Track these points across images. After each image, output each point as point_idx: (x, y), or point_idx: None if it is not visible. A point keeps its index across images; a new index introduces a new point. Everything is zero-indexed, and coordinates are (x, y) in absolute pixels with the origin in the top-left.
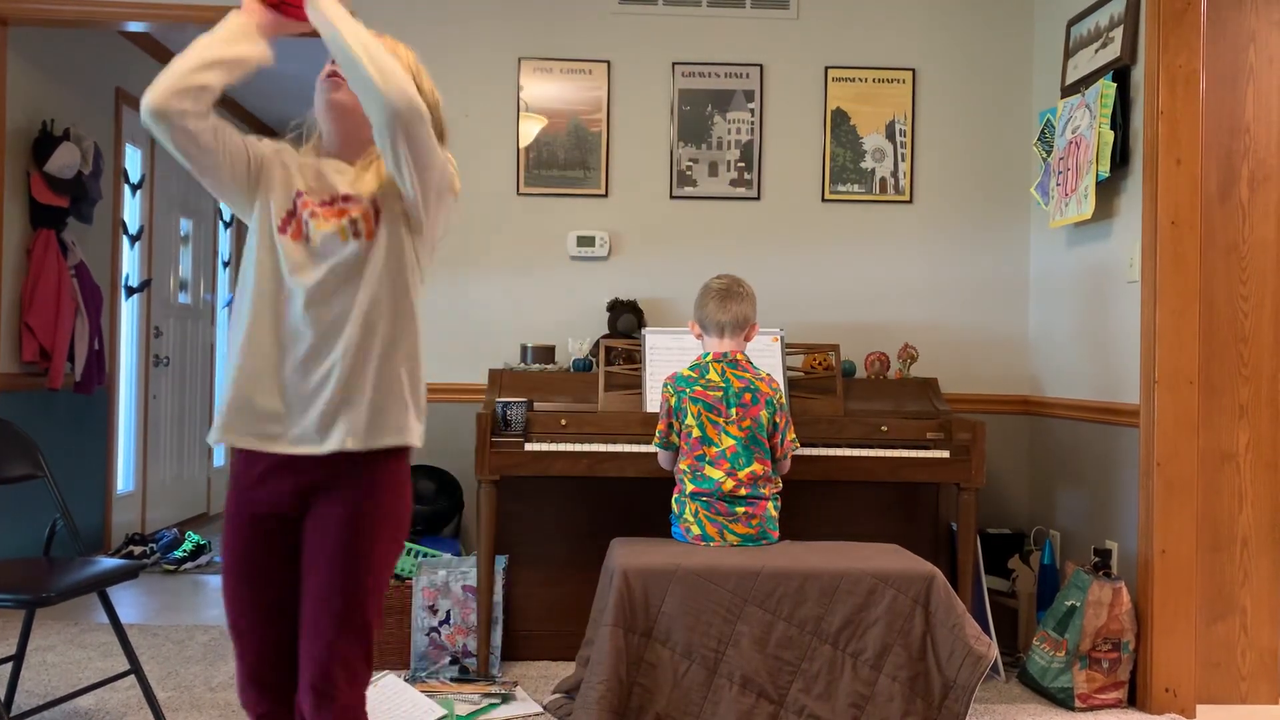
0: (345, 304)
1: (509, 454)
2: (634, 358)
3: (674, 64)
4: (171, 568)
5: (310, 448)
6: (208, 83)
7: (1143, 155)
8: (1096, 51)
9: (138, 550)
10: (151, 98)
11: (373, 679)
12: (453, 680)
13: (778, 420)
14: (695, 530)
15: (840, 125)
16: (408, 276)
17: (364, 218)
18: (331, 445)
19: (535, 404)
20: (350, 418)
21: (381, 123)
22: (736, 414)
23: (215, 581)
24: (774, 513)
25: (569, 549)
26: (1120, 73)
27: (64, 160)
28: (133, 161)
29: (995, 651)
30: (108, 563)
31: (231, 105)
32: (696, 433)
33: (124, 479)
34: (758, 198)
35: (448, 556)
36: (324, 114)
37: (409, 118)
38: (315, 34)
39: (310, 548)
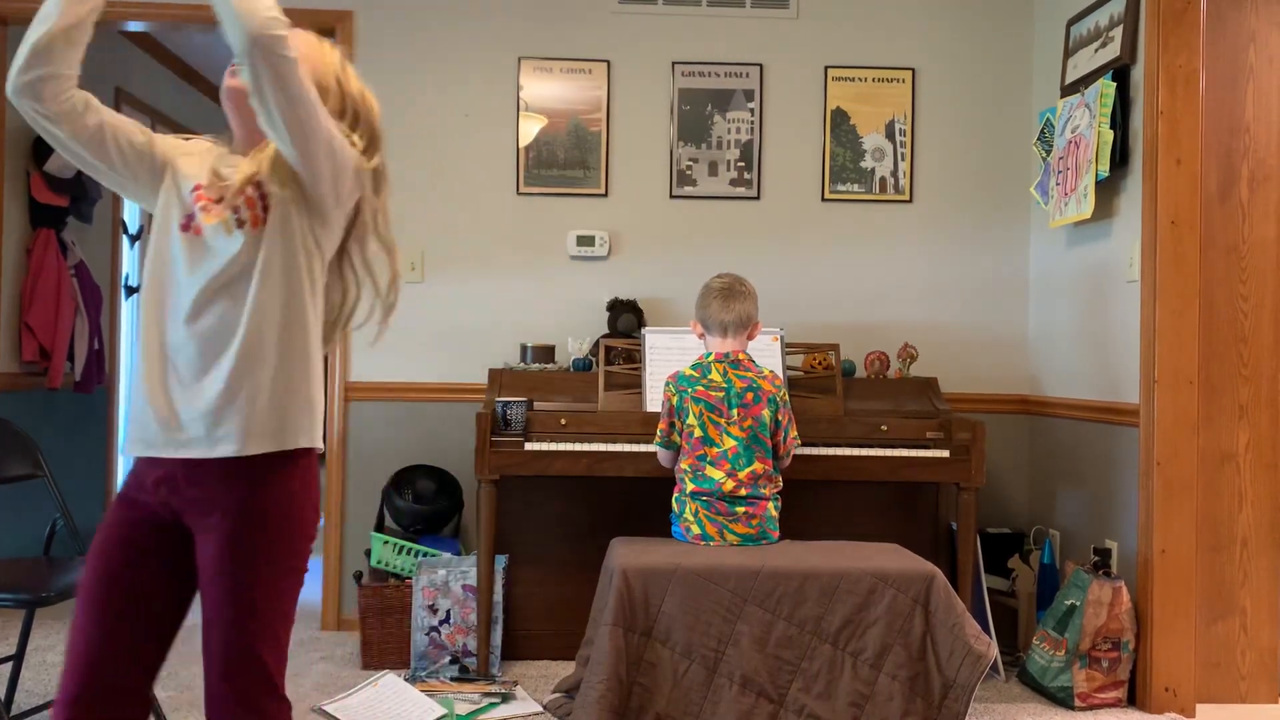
0: (236, 302)
1: (509, 453)
2: (634, 357)
3: (674, 64)
4: None
5: (201, 451)
6: (52, 71)
7: (1142, 155)
8: (1096, 51)
9: None
10: (9, 83)
11: (373, 678)
12: (453, 680)
13: (780, 418)
14: (695, 530)
15: (840, 125)
16: (300, 263)
17: (246, 204)
18: (223, 449)
19: (535, 403)
20: (242, 420)
21: (241, 51)
22: (738, 414)
23: None
24: (774, 513)
25: (569, 548)
26: (1120, 72)
27: (64, 160)
28: None
29: (995, 651)
30: None
31: None
32: (698, 433)
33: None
34: (757, 197)
35: (448, 556)
36: (224, 103)
37: (267, 43)
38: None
39: (199, 574)
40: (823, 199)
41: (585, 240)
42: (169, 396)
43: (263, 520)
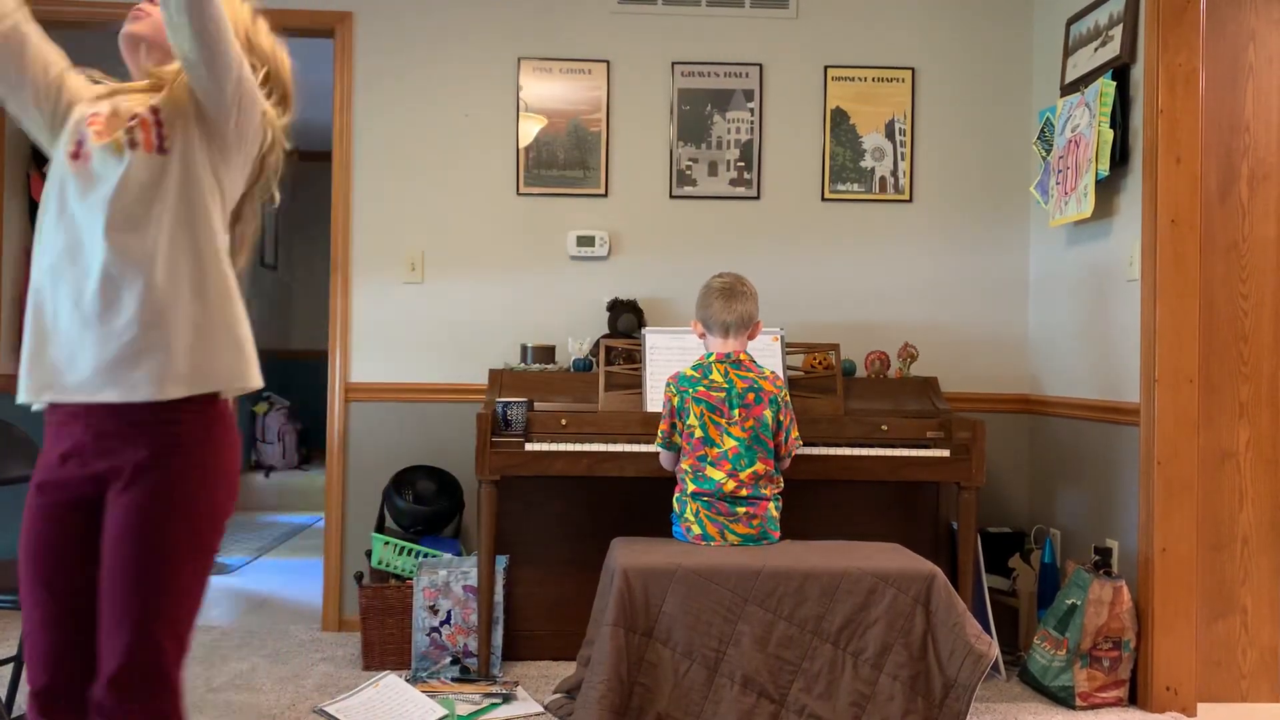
0: (138, 232)
1: (509, 454)
2: (634, 358)
3: (673, 64)
4: None
5: (112, 395)
6: None
7: (1142, 154)
8: (1096, 50)
9: None
10: None
11: (374, 679)
12: (454, 680)
13: (782, 418)
14: (696, 530)
15: (840, 124)
16: (207, 199)
17: (141, 126)
18: (138, 393)
19: (535, 404)
20: (158, 360)
21: None
22: (739, 415)
23: (217, 582)
24: (775, 513)
25: (570, 549)
26: (1120, 71)
27: None
28: None
29: (996, 650)
30: None
31: None
32: (699, 433)
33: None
34: (757, 197)
35: (448, 556)
36: (123, 49)
37: None
38: None
39: (104, 538)
40: (823, 199)
41: (585, 240)
42: (71, 338)
43: (180, 485)
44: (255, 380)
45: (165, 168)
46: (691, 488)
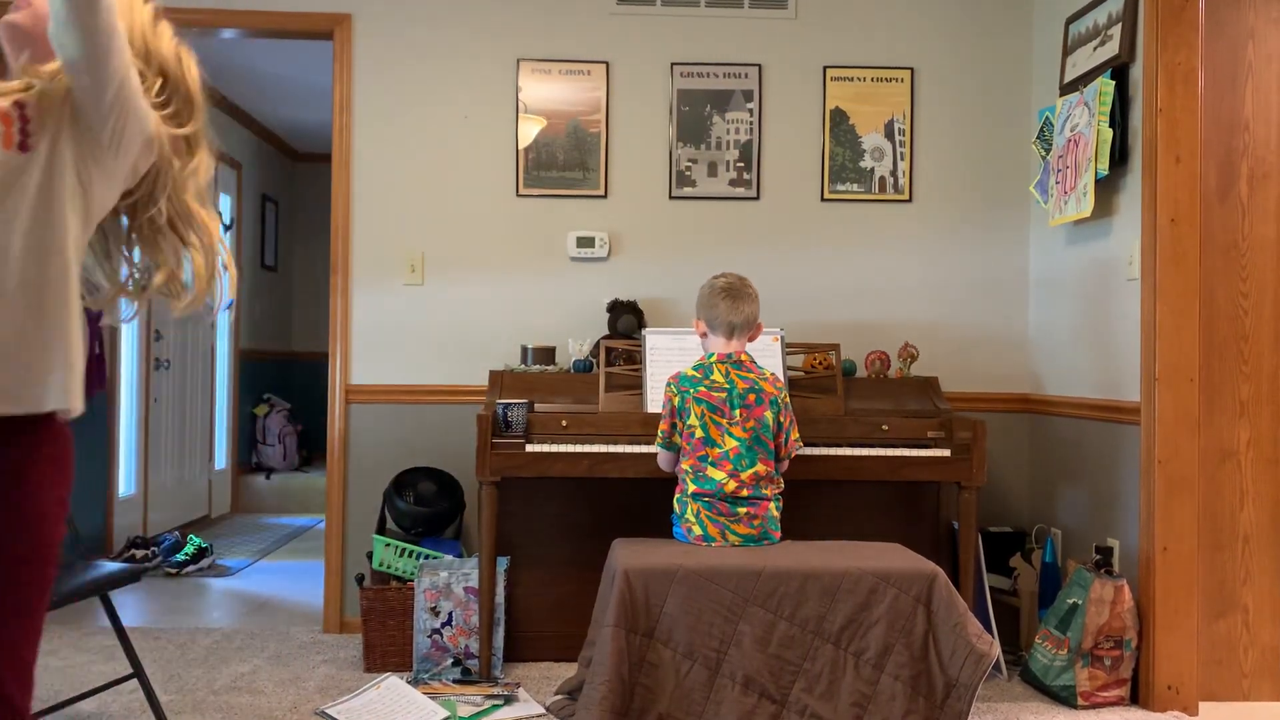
0: None
1: (510, 455)
2: (634, 358)
3: (672, 64)
4: (173, 571)
5: None
6: None
7: (1142, 153)
8: (1095, 49)
9: (140, 553)
10: None
11: (375, 680)
12: (455, 682)
13: (782, 420)
14: (697, 530)
15: (839, 124)
16: (66, 205)
17: (2, 119)
18: None
19: (536, 405)
20: None
21: None
22: (740, 415)
23: (218, 584)
24: (776, 513)
25: (570, 550)
26: (1119, 70)
27: None
28: None
29: (997, 650)
30: (110, 566)
31: (231, 109)
32: (699, 433)
33: (125, 482)
34: (757, 197)
35: (449, 558)
36: (2, 38)
37: None
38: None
39: None
40: (822, 199)
41: (585, 241)
42: None
43: (5, 510)
44: (78, 405)
45: (25, 167)
46: (692, 488)
